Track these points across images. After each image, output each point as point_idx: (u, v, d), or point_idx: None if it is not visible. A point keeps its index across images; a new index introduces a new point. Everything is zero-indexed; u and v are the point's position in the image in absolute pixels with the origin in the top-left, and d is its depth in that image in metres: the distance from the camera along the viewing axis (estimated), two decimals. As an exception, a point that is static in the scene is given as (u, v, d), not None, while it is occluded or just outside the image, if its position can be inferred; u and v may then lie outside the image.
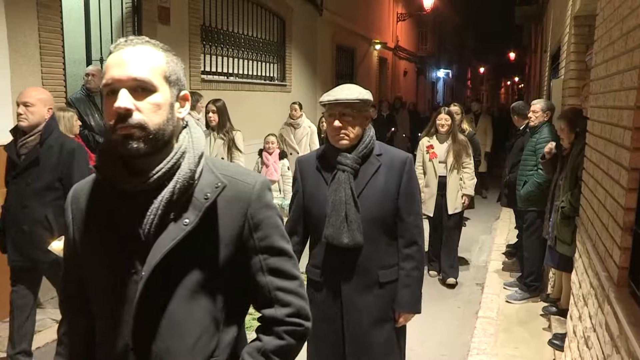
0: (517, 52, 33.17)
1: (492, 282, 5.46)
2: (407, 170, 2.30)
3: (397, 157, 2.32)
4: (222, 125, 5.12)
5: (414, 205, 2.32)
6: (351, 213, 2.19)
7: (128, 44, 1.23)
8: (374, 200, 2.25)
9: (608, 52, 2.64)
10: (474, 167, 5.51)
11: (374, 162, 2.28)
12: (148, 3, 5.87)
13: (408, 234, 2.31)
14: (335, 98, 2.20)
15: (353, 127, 2.23)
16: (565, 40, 5.71)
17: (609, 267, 2.31)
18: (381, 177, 2.26)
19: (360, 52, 14.12)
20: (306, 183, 2.37)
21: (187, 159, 1.25)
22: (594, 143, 2.91)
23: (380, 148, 2.33)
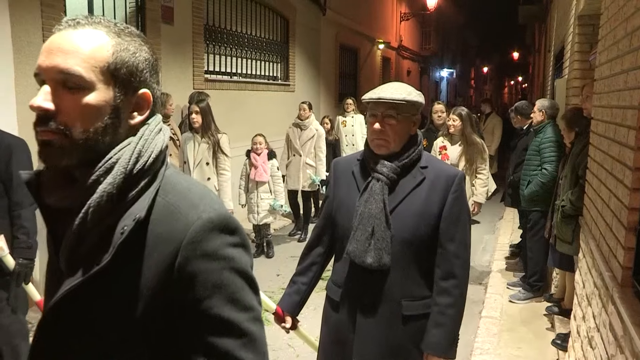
0: (520, 51, 33.13)
1: (496, 282, 5.46)
2: (456, 188, 1.95)
3: (446, 172, 1.99)
4: (207, 127, 4.81)
5: (459, 232, 1.95)
6: (379, 229, 1.90)
7: (70, 24, 0.98)
8: (409, 219, 1.92)
9: (612, 51, 2.64)
10: (488, 172, 5.19)
11: (417, 175, 1.97)
12: (152, 3, 5.88)
13: (447, 264, 1.95)
14: (379, 96, 1.90)
15: (395, 132, 1.93)
16: (569, 39, 5.70)
17: (612, 267, 2.30)
18: (422, 193, 1.94)
19: (363, 51, 14.11)
20: (339, 188, 2.09)
21: (111, 175, 0.93)
22: (598, 142, 2.91)
23: (426, 160, 2.02)
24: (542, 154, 4.75)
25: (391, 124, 1.92)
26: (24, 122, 4.45)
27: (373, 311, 1.96)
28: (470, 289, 5.32)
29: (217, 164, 4.84)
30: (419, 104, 1.95)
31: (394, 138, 1.93)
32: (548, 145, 4.72)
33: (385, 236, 1.90)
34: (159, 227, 0.94)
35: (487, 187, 5.16)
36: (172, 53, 6.29)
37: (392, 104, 1.90)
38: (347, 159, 2.17)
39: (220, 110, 6.98)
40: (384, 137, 1.93)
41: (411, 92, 1.95)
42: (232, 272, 0.95)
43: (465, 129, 5.03)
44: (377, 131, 1.93)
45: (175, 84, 6.34)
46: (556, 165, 4.57)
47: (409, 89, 1.97)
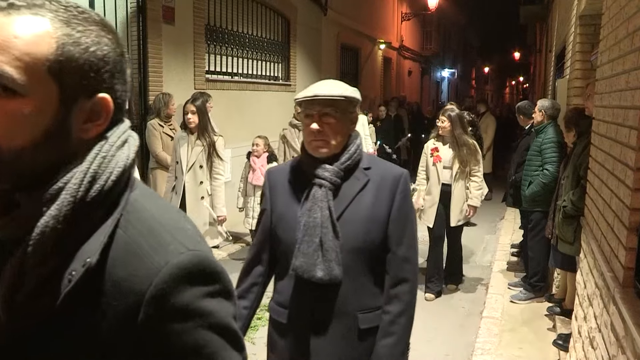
0: (521, 51, 33.10)
1: (497, 282, 5.45)
2: (402, 189, 1.83)
3: (390, 172, 1.85)
4: (203, 128, 4.54)
5: (407, 235, 1.84)
6: (328, 239, 1.74)
7: (2, 8, 0.73)
8: (357, 225, 1.78)
9: (614, 51, 2.63)
10: (482, 174, 5.01)
11: (360, 177, 1.82)
12: (153, 3, 5.88)
13: (396, 269, 1.82)
14: (315, 93, 1.74)
15: (335, 132, 1.76)
16: (570, 39, 5.70)
17: (614, 267, 2.30)
18: (368, 197, 1.80)
19: (364, 51, 14.11)
20: (276, 200, 1.90)
21: (56, 206, 0.73)
22: (599, 143, 2.90)
23: (368, 160, 1.87)
24: (543, 154, 4.75)
25: (330, 123, 1.76)
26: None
27: (327, 329, 1.80)
28: (471, 289, 5.37)
29: (211, 167, 4.62)
30: (356, 100, 1.82)
31: (335, 138, 1.77)
32: (549, 145, 4.72)
33: (335, 246, 1.75)
34: (118, 270, 0.74)
35: (482, 190, 5.01)
36: (173, 53, 6.29)
37: (330, 100, 1.74)
38: (281, 167, 2.00)
39: (221, 110, 6.98)
40: (323, 137, 1.76)
41: (347, 88, 1.82)
42: (210, 330, 0.77)
43: (454, 130, 4.84)
44: (315, 132, 1.75)
45: (176, 84, 6.34)
46: (557, 166, 4.56)
47: (344, 85, 1.84)
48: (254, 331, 4.22)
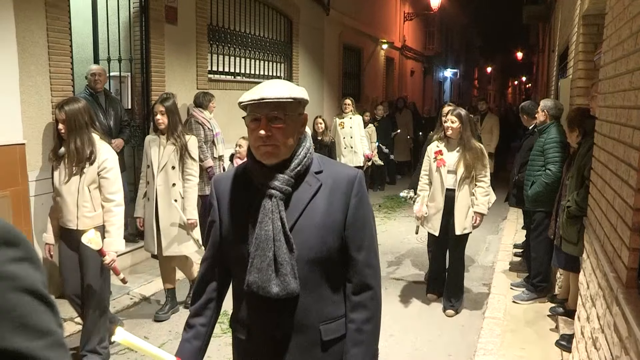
0: (524, 51, 33.07)
1: (499, 283, 5.45)
2: (357, 191, 1.72)
3: (343, 174, 1.75)
4: (173, 129, 4.34)
5: (366, 239, 1.74)
6: (282, 253, 1.64)
7: None
8: (312, 234, 1.68)
9: (617, 51, 2.63)
10: (489, 179, 4.70)
11: (312, 182, 1.72)
12: (155, 3, 5.89)
13: (358, 276, 1.73)
14: (261, 96, 1.60)
15: (285, 137, 1.65)
16: (573, 39, 5.68)
17: (617, 267, 2.30)
18: (321, 202, 1.70)
19: (367, 51, 14.10)
20: (224, 212, 1.78)
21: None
22: (603, 143, 2.90)
23: (320, 163, 1.76)
24: (546, 154, 4.74)
25: (279, 127, 1.63)
26: (28, 121, 4.47)
27: (289, 343, 1.72)
28: (474, 289, 5.36)
29: (183, 168, 4.42)
30: (305, 101, 1.71)
31: (284, 143, 1.65)
32: (552, 145, 4.71)
33: (289, 259, 1.65)
34: None
35: (489, 196, 4.70)
36: (176, 53, 6.30)
37: (278, 103, 1.61)
38: (227, 176, 1.84)
39: (224, 110, 6.99)
40: (272, 142, 1.64)
41: (295, 89, 1.69)
42: (20, 293, 0.75)
43: (464, 132, 4.54)
44: (264, 137, 1.62)
45: (179, 84, 6.35)
46: (560, 166, 4.56)
47: (291, 85, 1.70)
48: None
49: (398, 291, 5.30)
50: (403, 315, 4.71)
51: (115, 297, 4.91)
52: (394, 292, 5.29)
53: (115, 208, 3.57)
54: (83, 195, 3.50)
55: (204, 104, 6.12)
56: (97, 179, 3.53)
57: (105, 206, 3.56)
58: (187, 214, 4.44)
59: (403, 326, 4.47)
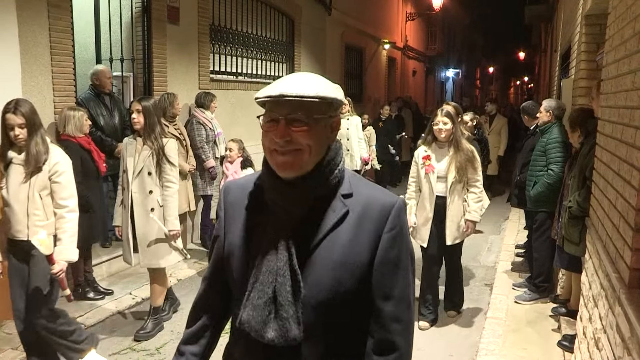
0: (526, 51, 33.05)
1: (501, 283, 5.44)
2: (393, 224, 1.36)
3: (377, 201, 1.38)
4: (150, 130, 3.92)
5: (398, 285, 1.38)
6: (284, 291, 1.32)
7: None
8: (327, 272, 1.33)
9: (620, 51, 2.62)
10: (482, 184, 4.37)
11: (337, 207, 1.36)
12: (157, 3, 5.89)
13: (382, 331, 1.38)
14: (281, 92, 1.28)
15: (308, 144, 1.31)
16: (575, 39, 5.68)
17: (619, 268, 2.29)
18: (345, 234, 1.34)
19: (369, 51, 14.10)
20: (230, 226, 1.48)
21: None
22: (605, 143, 2.89)
23: (350, 183, 1.40)
24: (548, 154, 4.73)
25: (301, 131, 1.30)
26: (30, 121, 4.47)
27: None
28: (475, 289, 5.35)
29: (160, 174, 3.99)
30: (338, 102, 1.36)
31: (307, 153, 1.32)
32: (554, 145, 4.70)
33: (293, 300, 1.32)
34: None
35: (482, 202, 4.41)
36: (178, 53, 6.31)
37: (301, 102, 1.28)
38: (241, 183, 1.53)
39: (226, 110, 7.00)
40: (292, 149, 1.31)
41: (326, 86, 1.35)
42: None
43: (455, 133, 4.19)
44: (281, 143, 1.30)
45: (181, 84, 6.35)
46: (562, 166, 4.55)
47: (321, 81, 1.37)
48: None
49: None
50: (405, 316, 4.70)
51: (117, 297, 4.92)
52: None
53: (67, 214, 3.27)
54: (33, 202, 3.19)
55: (206, 104, 6.12)
56: (48, 184, 3.24)
57: (57, 213, 3.27)
58: (167, 224, 4.04)
59: (405, 326, 4.46)
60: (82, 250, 4.82)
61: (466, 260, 5.43)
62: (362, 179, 1.48)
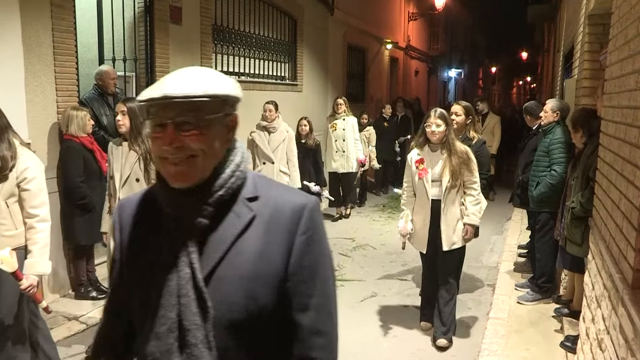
0: (529, 51, 33.02)
1: (504, 283, 5.43)
2: (306, 227, 1.23)
3: (287, 202, 1.25)
4: (137, 133, 3.66)
5: (316, 294, 1.24)
6: (190, 314, 1.17)
7: None
8: (236, 287, 1.19)
9: (623, 51, 2.62)
10: (479, 185, 4.12)
11: (242, 212, 1.23)
12: (160, 3, 5.90)
13: (302, 347, 1.23)
14: (164, 93, 1.14)
15: (201, 150, 1.18)
16: (579, 39, 5.67)
17: (623, 268, 2.28)
18: (253, 242, 1.21)
19: (371, 51, 14.09)
20: (126, 246, 1.32)
21: None
22: (608, 143, 2.88)
23: (256, 186, 1.27)
24: (551, 154, 4.73)
25: (192, 136, 1.16)
26: (33, 121, 4.48)
27: None
28: (478, 290, 5.35)
29: (149, 180, 3.73)
30: (232, 98, 1.22)
31: (201, 159, 1.18)
32: (557, 146, 4.70)
33: (201, 322, 1.17)
34: None
35: (480, 205, 4.16)
36: (181, 53, 6.31)
37: (189, 102, 1.14)
38: (136, 200, 1.35)
39: (228, 110, 7.00)
40: (183, 157, 1.17)
41: (217, 81, 1.20)
42: None
43: (449, 135, 4.03)
44: (170, 151, 1.16)
45: (183, 83, 6.36)
46: (565, 167, 4.54)
47: (212, 76, 1.22)
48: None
49: (402, 291, 5.29)
50: (406, 316, 4.70)
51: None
52: (398, 292, 5.28)
53: (38, 224, 3.00)
54: (0, 211, 2.94)
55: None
56: (16, 191, 2.97)
57: (27, 222, 3.00)
58: None
59: (407, 326, 4.46)
60: (84, 250, 4.88)
61: (468, 260, 5.41)
62: (270, 180, 1.35)
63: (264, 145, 6.04)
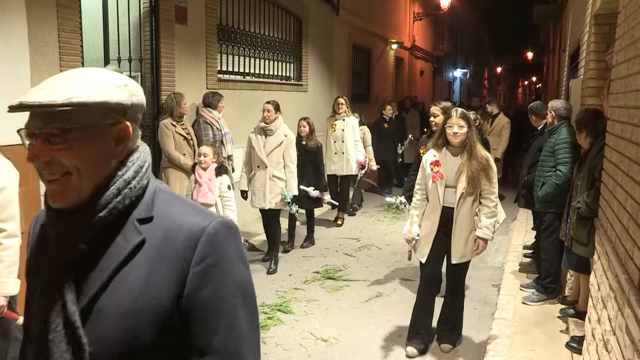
0: (534, 51, 32.92)
1: (509, 284, 5.42)
2: (203, 256, 1.04)
3: (185, 225, 1.06)
4: None
5: (219, 334, 1.05)
6: (59, 351, 1.01)
7: None
8: (118, 322, 1.01)
9: (630, 51, 2.60)
10: (497, 197, 3.85)
11: (130, 235, 1.05)
12: (165, 3, 5.91)
13: None
14: (21, 100, 1.00)
15: (74, 164, 1.02)
16: (584, 39, 5.64)
17: (629, 269, 2.27)
18: (139, 270, 1.03)
19: (376, 51, 14.08)
20: (33, 265, 1.17)
21: None
22: (614, 143, 2.87)
23: (152, 204, 1.09)
24: (556, 155, 4.71)
25: (60, 150, 1.00)
26: (39, 121, 4.50)
27: None
28: (483, 290, 5.34)
29: None
30: (114, 105, 1.04)
31: (76, 177, 1.02)
32: (562, 146, 4.68)
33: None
34: None
35: (496, 218, 3.85)
36: (186, 53, 6.32)
37: (51, 113, 0.99)
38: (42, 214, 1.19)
39: (233, 110, 7.01)
40: (56, 176, 1.02)
41: (92, 85, 1.02)
42: None
43: (471, 138, 3.74)
44: (42, 166, 1.03)
45: (188, 84, 6.37)
46: (571, 167, 4.53)
47: (89, 79, 1.03)
48: (265, 330, 4.24)
49: (407, 291, 5.29)
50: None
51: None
52: (403, 292, 5.27)
53: (5, 240, 2.70)
54: None
55: (213, 103, 6.14)
56: None
57: None
58: None
59: (412, 327, 4.46)
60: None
61: (473, 261, 5.36)
62: (175, 197, 1.14)
63: (258, 149, 5.77)
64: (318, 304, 4.90)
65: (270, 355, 3.94)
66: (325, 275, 5.68)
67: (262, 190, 5.75)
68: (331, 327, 4.43)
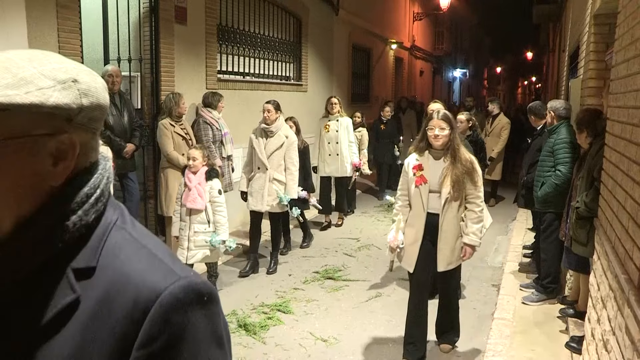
0: (534, 51, 32.93)
1: (508, 284, 5.42)
2: (154, 334, 0.73)
3: (134, 286, 0.76)
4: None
5: None
6: None
7: None
8: None
9: (629, 51, 2.60)
10: (483, 201, 3.72)
11: (62, 291, 0.76)
12: (165, 3, 5.91)
13: None
14: None
15: None
16: (584, 39, 5.64)
17: (629, 269, 2.27)
18: (64, 343, 0.75)
19: (376, 51, 14.08)
20: None
21: None
22: (614, 143, 2.87)
23: (98, 250, 0.79)
24: (555, 155, 4.71)
25: None
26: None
27: None
28: (482, 290, 5.34)
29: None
30: (50, 109, 0.75)
31: None
32: (562, 146, 4.68)
33: None
34: None
35: (483, 223, 3.72)
36: (186, 53, 6.32)
37: None
38: None
39: (233, 110, 7.01)
40: None
41: (25, 75, 0.74)
42: None
43: (453, 140, 3.59)
44: None
45: (188, 83, 6.37)
46: (570, 167, 4.53)
47: (21, 64, 0.75)
48: (265, 330, 4.23)
49: (407, 291, 5.27)
50: (411, 316, 4.69)
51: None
52: (402, 292, 5.27)
53: None
54: None
55: (213, 103, 6.14)
56: None
57: None
58: None
59: (411, 327, 4.46)
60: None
61: (473, 260, 5.38)
62: (134, 239, 0.83)
63: (259, 150, 5.60)
64: (318, 304, 4.90)
65: (270, 355, 3.94)
66: (325, 275, 5.68)
67: (261, 192, 5.63)
68: (331, 327, 4.44)
